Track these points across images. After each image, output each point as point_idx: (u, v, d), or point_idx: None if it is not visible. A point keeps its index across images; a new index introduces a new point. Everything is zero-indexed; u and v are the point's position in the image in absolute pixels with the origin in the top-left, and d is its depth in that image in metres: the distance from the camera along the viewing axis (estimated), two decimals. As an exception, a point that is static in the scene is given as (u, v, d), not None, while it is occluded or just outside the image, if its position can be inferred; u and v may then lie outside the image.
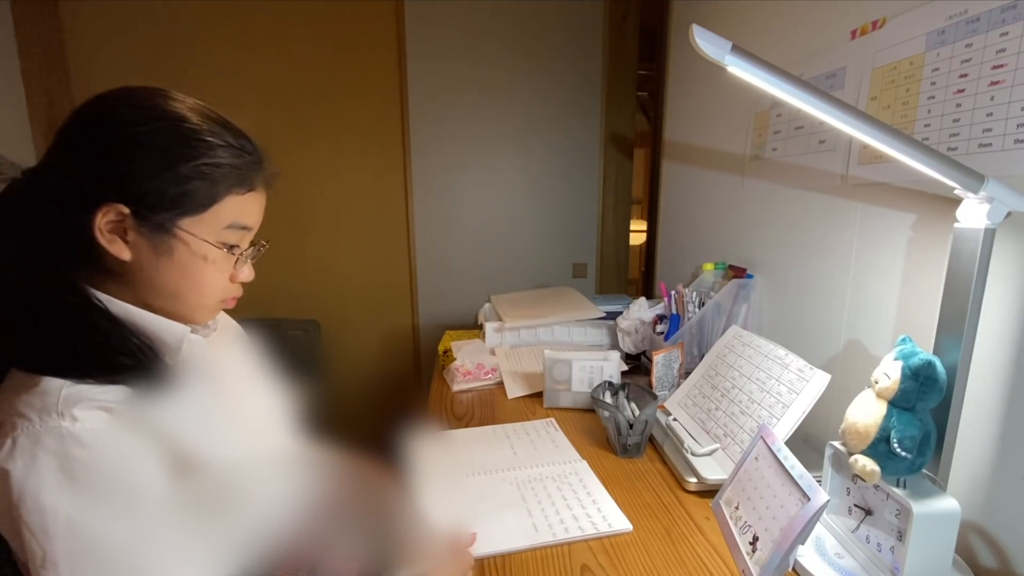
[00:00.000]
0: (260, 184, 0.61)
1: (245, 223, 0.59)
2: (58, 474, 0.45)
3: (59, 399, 0.47)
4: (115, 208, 0.51)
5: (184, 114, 0.55)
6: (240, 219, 0.58)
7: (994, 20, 0.66)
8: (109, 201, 0.51)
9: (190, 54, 1.90)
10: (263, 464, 0.68)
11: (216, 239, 0.57)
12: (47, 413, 0.46)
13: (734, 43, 0.52)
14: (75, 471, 0.46)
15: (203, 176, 0.54)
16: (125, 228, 0.52)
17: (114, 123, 0.52)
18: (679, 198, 1.71)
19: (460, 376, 1.28)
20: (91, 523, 0.46)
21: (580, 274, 2.31)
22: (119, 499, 0.48)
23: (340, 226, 2.10)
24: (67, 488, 0.45)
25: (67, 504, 0.45)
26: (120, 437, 0.49)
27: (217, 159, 0.54)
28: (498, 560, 0.68)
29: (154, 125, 0.52)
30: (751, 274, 1.22)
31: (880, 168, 0.84)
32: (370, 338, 2.21)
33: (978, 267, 0.59)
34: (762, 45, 1.16)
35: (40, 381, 0.48)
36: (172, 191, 0.52)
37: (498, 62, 2.07)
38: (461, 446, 0.98)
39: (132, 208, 0.51)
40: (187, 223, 0.54)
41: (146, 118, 0.52)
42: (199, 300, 0.59)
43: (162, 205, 0.52)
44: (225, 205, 0.56)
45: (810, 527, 0.57)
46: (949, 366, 0.60)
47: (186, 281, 0.57)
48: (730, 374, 0.94)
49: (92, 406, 0.48)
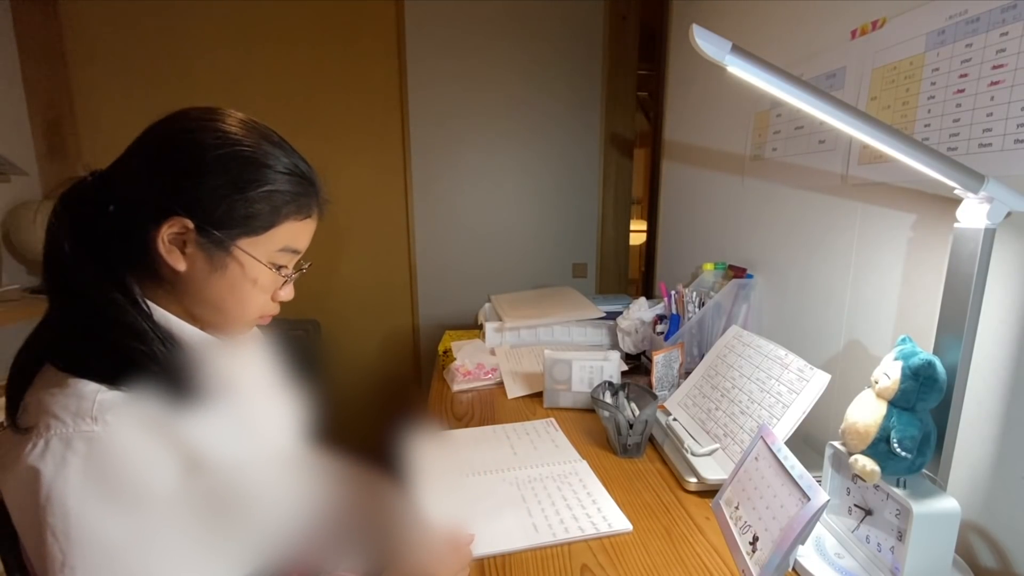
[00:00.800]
0: (315, 212, 0.64)
1: (296, 247, 0.62)
2: (85, 480, 0.46)
3: (94, 403, 0.47)
4: (181, 221, 0.53)
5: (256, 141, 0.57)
6: (293, 243, 0.61)
7: (994, 20, 0.66)
8: (177, 214, 0.53)
9: (190, 54, 1.90)
10: (277, 472, 0.69)
11: (268, 260, 0.60)
12: (81, 417, 0.47)
13: (734, 43, 0.52)
14: (101, 478, 0.46)
15: (267, 201, 0.57)
16: (185, 241, 0.55)
17: (192, 144, 0.54)
18: (679, 198, 1.71)
19: (460, 376, 1.28)
20: (112, 532, 0.46)
21: (580, 274, 2.31)
22: (143, 511, 0.48)
23: (340, 226, 2.10)
24: (93, 494, 0.46)
25: (91, 511, 0.46)
26: (149, 448, 0.50)
27: (281, 186, 0.57)
28: (498, 560, 0.68)
29: (228, 149, 0.55)
30: (751, 274, 1.22)
31: (880, 168, 0.84)
32: (370, 338, 2.21)
33: (978, 267, 0.59)
34: (762, 45, 1.16)
35: (75, 382, 0.49)
36: (239, 212, 0.55)
37: (498, 62, 2.08)
38: (461, 446, 0.98)
39: (197, 223, 0.54)
40: (245, 243, 0.57)
41: (222, 142, 0.55)
42: (241, 315, 0.62)
43: (226, 224, 0.55)
44: (282, 229, 0.59)
45: (810, 527, 0.57)
46: (949, 366, 0.60)
47: (233, 297, 0.59)
48: (730, 374, 0.94)
49: (126, 413, 0.48)
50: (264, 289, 0.62)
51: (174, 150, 0.54)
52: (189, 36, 1.89)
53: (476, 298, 1.94)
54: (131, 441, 0.48)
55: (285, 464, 0.71)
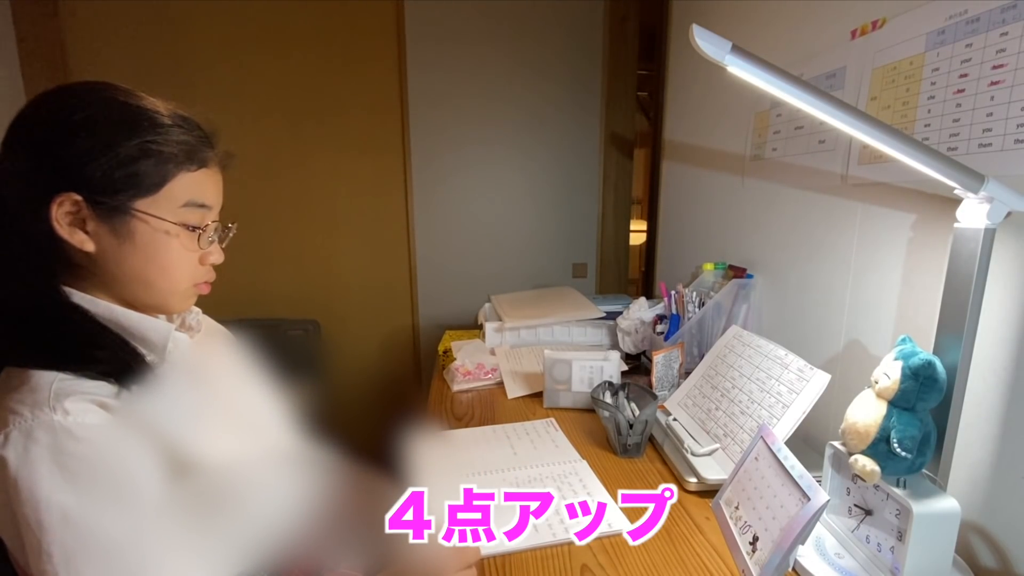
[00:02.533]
0: (212, 163, 0.61)
1: (202, 201, 0.59)
2: (51, 467, 0.46)
3: (50, 394, 0.48)
4: (68, 197, 0.52)
5: (120, 99, 0.56)
6: (196, 197, 0.58)
7: (994, 20, 0.66)
8: (60, 191, 0.52)
9: (190, 55, 1.90)
10: (259, 464, 0.68)
11: (175, 218, 0.57)
12: (39, 407, 0.47)
13: (734, 43, 0.52)
14: (68, 464, 0.46)
15: (148, 155, 0.54)
16: (84, 218, 0.53)
17: (51, 114, 0.53)
18: (679, 198, 1.71)
19: (460, 376, 1.28)
20: (85, 516, 0.46)
21: (580, 274, 2.31)
22: (113, 493, 0.48)
23: (340, 226, 2.10)
24: (60, 481, 0.46)
25: (61, 497, 0.46)
26: (114, 432, 0.50)
27: (159, 137, 0.55)
28: (498, 560, 0.68)
29: (90, 110, 0.53)
30: (751, 274, 1.22)
31: (880, 168, 0.84)
32: (370, 338, 2.21)
33: (978, 267, 0.59)
34: (762, 45, 1.16)
35: (31, 377, 0.49)
36: (119, 173, 0.53)
37: (498, 62, 2.07)
38: (461, 446, 0.98)
39: (85, 195, 0.52)
40: (143, 204, 0.55)
41: (81, 104, 0.54)
42: (169, 285, 0.60)
43: (112, 187, 0.53)
44: (177, 184, 0.57)
45: (810, 527, 0.57)
46: (949, 366, 0.60)
47: (153, 266, 0.57)
48: (730, 374, 0.94)
49: (84, 399, 0.49)
50: (186, 251, 0.59)
51: (37, 124, 0.54)
52: (190, 35, 1.89)
53: (476, 298, 1.94)
54: (95, 426, 0.48)
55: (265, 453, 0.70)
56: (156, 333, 0.59)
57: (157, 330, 0.59)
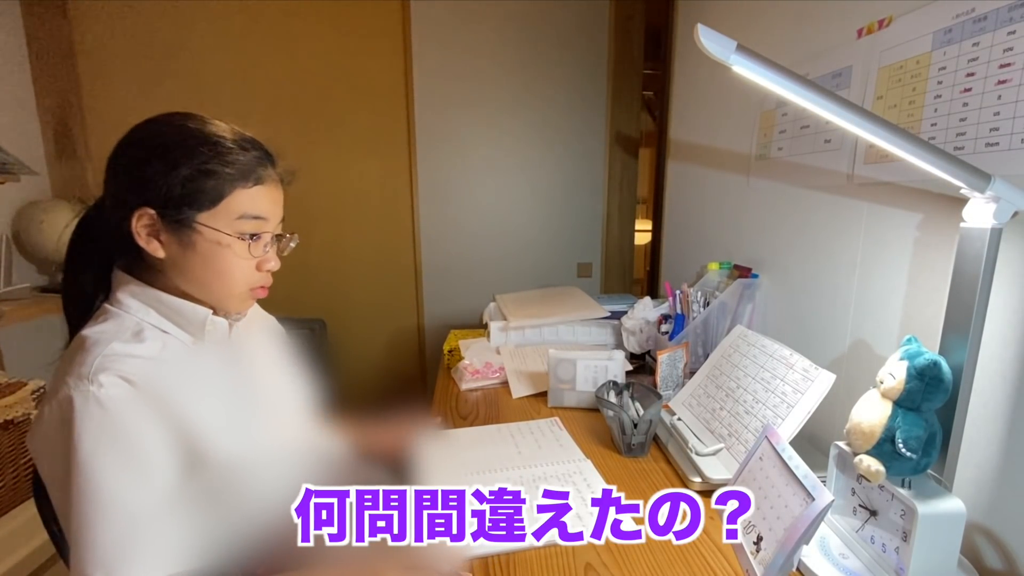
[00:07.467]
0: (270, 179, 0.68)
1: (256, 213, 0.66)
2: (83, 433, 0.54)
3: (92, 368, 0.56)
4: (145, 211, 0.61)
5: (191, 126, 0.64)
6: (250, 210, 0.65)
7: (1001, 19, 0.66)
8: (140, 206, 0.61)
9: (199, 53, 1.91)
10: (274, 453, 0.72)
11: (231, 230, 0.64)
12: (80, 379, 0.55)
13: (739, 43, 0.53)
14: (99, 432, 0.55)
15: (208, 175, 0.62)
16: (158, 229, 0.63)
17: (134, 142, 0.64)
18: (684, 197, 1.70)
19: (469, 375, 1.28)
20: (96, 468, 0.54)
21: (585, 274, 2.31)
22: (123, 456, 0.55)
23: (346, 226, 2.11)
24: (85, 438, 0.54)
25: (83, 450, 0.54)
26: (134, 406, 0.57)
27: (219, 158, 0.62)
28: (502, 559, 0.68)
29: (164, 138, 0.63)
30: (756, 274, 1.22)
31: (886, 167, 0.84)
32: (376, 337, 2.22)
33: (984, 267, 0.58)
34: (768, 44, 1.15)
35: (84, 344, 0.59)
36: (183, 190, 0.61)
37: (504, 62, 2.08)
38: (466, 445, 0.98)
39: (158, 210, 0.61)
40: (203, 217, 0.63)
41: (160, 132, 0.63)
42: (226, 288, 0.67)
43: (178, 203, 0.61)
44: (234, 199, 0.64)
45: (814, 527, 0.57)
46: (955, 366, 0.60)
47: (210, 271, 0.65)
48: (735, 374, 0.94)
49: (115, 374, 0.57)
50: (242, 259, 0.66)
51: (123, 153, 0.64)
52: (198, 35, 1.90)
53: (481, 298, 1.95)
54: (119, 399, 0.56)
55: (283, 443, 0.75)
56: (194, 314, 0.66)
57: (196, 312, 0.66)
